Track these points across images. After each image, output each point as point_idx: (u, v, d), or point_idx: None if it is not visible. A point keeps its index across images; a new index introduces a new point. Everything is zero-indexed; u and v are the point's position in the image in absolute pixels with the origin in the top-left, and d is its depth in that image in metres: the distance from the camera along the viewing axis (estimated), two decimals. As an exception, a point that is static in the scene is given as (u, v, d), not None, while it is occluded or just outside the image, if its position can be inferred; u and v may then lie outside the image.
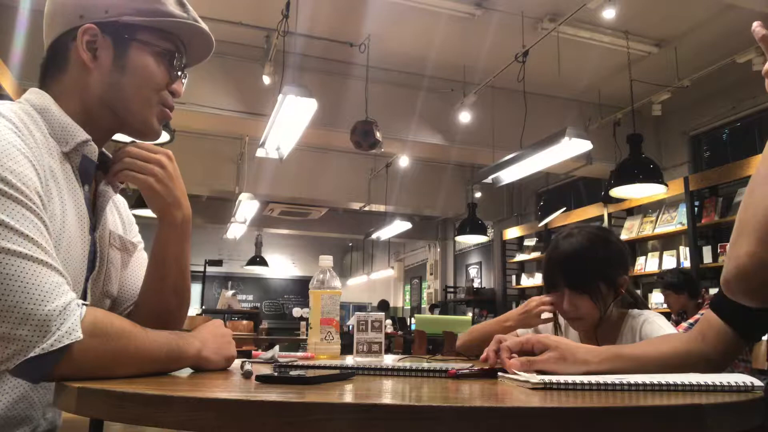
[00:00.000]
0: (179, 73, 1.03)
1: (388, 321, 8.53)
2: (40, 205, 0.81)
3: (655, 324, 1.44)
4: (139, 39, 0.97)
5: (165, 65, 1.00)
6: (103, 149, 1.02)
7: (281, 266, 13.34)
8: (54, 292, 0.76)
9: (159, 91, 1.00)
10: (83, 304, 0.79)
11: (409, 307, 12.44)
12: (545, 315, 1.62)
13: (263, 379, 0.78)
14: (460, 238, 7.26)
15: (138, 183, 0.98)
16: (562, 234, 1.55)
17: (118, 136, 1.05)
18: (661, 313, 1.58)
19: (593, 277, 1.45)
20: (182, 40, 1.03)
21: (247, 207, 7.14)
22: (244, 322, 7.09)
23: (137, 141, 1.02)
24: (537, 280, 7.69)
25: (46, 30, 0.98)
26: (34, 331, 0.73)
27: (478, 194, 8.05)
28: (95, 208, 1.00)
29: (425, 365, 0.99)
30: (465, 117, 5.66)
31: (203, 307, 8.68)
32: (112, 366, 0.79)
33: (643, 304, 1.60)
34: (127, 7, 0.96)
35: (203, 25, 1.04)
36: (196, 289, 9.56)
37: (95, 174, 0.99)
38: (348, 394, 0.74)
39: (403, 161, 7.22)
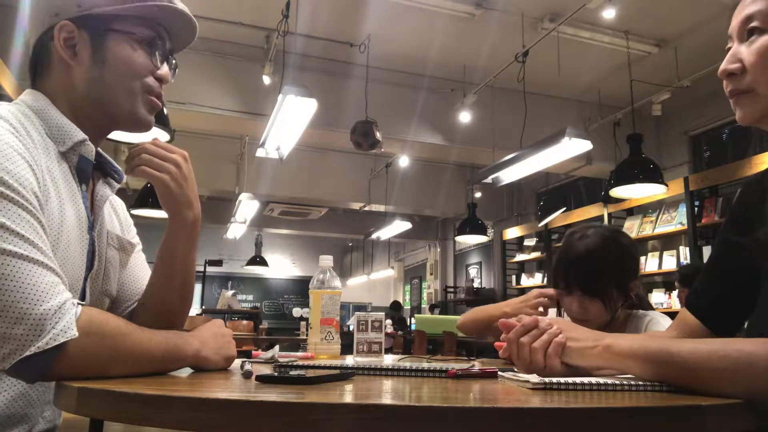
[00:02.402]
0: (162, 57, 1.02)
1: (388, 321, 8.54)
2: (37, 206, 0.81)
3: (659, 324, 1.42)
4: (114, 29, 0.96)
5: (145, 52, 0.99)
6: (99, 149, 1.02)
7: (281, 266, 13.34)
8: (49, 291, 0.76)
9: (142, 79, 0.98)
10: (79, 304, 0.79)
11: (409, 307, 12.44)
12: (542, 309, 1.62)
13: (263, 379, 0.78)
14: (460, 238, 7.26)
15: (153, 181, 0.98)
16: (575, 235, 1.51)
17: (116, 135, 1.05)
18: (664, 312, 1.57)
19: (607, 282, 1.43)
20: (163, 25, 1.02)
21: (247, 207, 7.14)
22: (244, 322, 7.10)
23: (153, 139, 1.01)
24: (537, 280, 7.70)
25: (29, 31, 0.98)
26: (29, 330, 0.73)
27: (478, 194, 8.05)
28: (93, 208, 1.00)
29: (425, 365, 0.99)
30: (465, 117, 5.66)
31: (203, 307, 8.68)
32: (109, 364, 0.79)
33: (648, 305, 1.59)
34: None
35: (180, 5, 1.02)
36: (196, 289, 9.46)
37: (92, 173, 1.00)
38: (348, 394, 0.74)
39: (403, 161, 7.22)
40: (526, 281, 7.96)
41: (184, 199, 1.00)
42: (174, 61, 1.06)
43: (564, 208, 7.02)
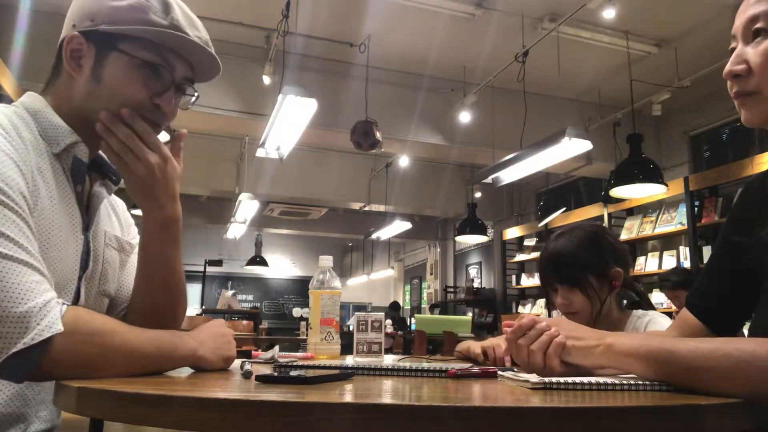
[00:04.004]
0: (165, 85, 0.98)
1: (388, 321, 8.53)
2: (24, 207, 0.82)
3: (659, 324, 1.42)
4: (119, 49, 0.94)
5: (144, 78, 0.95)
6: (100, 152, 1.02)
7: (281, 266, 13.34)
8: (34, 290, 0.76)
9: (135, 104, 0.95)
10: (64, 303, 0.79)
11: (409, 307, 12.44)
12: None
13: (263, 379, 0.78)
14: (460, 238, 7.26)
15: (123, 176, 0.97)
16: (555, 234, 1.57)
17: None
18: (664, 313, 1.57)
19: (581, 269, 1.46)
20: (180, 53, 0.99)
21: (247, 207, 7.14)
22: (244, 322, 7.09)
23: (141, 127, 0.95)
24: (536, 280, 7.69)
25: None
26: (13, 327, 0.73)
27: (478, 194, 8.05)
28: (89, 209, 1.00)
29: (425, 365, 0.99)
30: (465, 117, 5.66)
31: (203, 307, 8.68)
32: (98, 363, 0.79)
33: (649, 304, 1.59)
34: (108, 15, 0.93)
35: (193, 36, 0.97)
36: (196, 289, 9.55)
37: (89, 175, 0.99)
38: (348, 394, 0.74)
39: (403, 161, 7.22)
40: (526, 281, 7.96)
41: (151, 201, 0.97)
42: (196, 93, 1.03)
43: (564, 208, 7.02)
